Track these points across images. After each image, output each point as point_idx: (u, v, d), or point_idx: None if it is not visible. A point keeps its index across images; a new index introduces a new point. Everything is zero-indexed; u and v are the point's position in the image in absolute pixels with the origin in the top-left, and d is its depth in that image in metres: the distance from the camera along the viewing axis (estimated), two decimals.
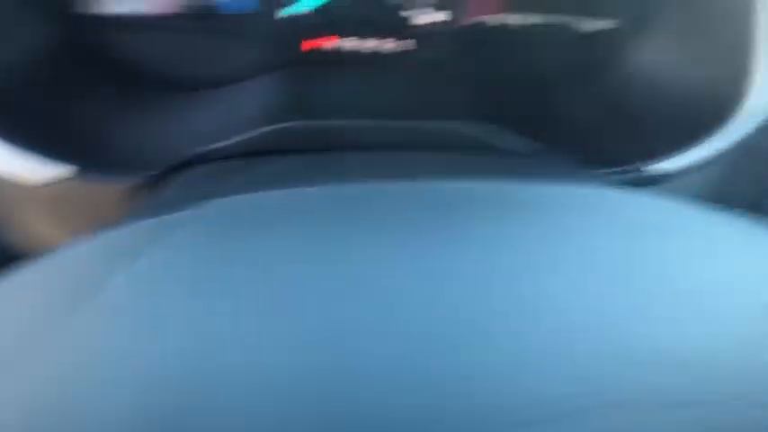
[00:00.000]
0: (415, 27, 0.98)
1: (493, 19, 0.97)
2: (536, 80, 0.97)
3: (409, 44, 0.98)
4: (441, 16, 0.97)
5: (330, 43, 0.98)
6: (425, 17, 0.98)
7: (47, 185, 0.70)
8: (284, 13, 0.97)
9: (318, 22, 0.97)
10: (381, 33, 0.98)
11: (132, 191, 0.68)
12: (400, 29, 0.98)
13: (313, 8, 0.96)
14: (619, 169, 0.74)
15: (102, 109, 0.87)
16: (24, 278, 0.34)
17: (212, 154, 0.69)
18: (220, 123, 0.90)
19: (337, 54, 0.98)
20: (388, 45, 0.98)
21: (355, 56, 0.99)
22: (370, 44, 0.98)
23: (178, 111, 0.93)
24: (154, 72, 0.97)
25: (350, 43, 0.98)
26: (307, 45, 0.98)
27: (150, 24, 0.97)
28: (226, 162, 0.66)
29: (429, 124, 0.72)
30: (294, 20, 0.97)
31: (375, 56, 0.99)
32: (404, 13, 0.97)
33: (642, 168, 0.74)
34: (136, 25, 0.97)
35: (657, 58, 0.87)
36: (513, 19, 0.97)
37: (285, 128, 0.72)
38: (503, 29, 0.98)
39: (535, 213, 0.40)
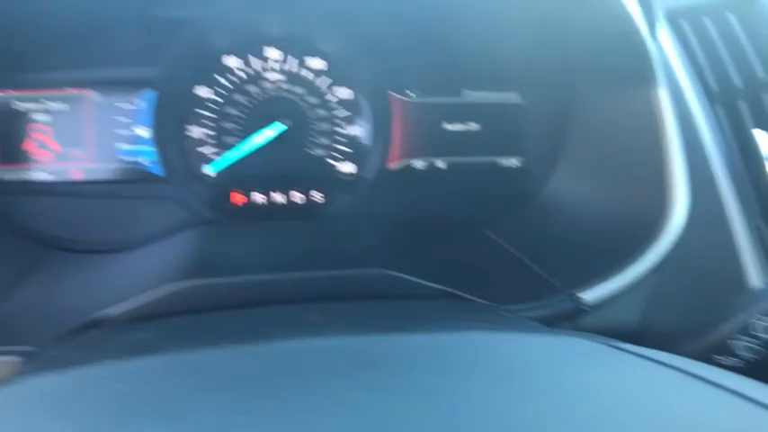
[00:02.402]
0: (342, 175, 0.99)
1: (418, 162, 1.01)
2: (457, 220, 0.99)
3: (334, 192, 0.98)
4: (367, 161, 0.99)
5: (256, 197, 0.97)
6: (352, 164, 1.00)
7: None
8: (211, 169, 0.95)
9: (247, 179, 0.96)
10: (307, 184, 0.98)
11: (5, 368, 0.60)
12: (327, 179, 0.99)
13: (238, 163, 0.96)
14: (540, 303, 0.74)
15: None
16: None
17: (108, 319, 0.63)
18: (131, 285, 0.83)
19: (265, 208, 0.97)
20: (314, 195, 0.98)
21: (281, 208, 0.98)
22: (295, 195, 0.98)
23: (84, 275, 0.85)
24: (68, 236, 0.90)
25: (277, 196, 0.97)
26: (232, 200, 0.96)
27: (69, 190, 0.92)
28: (122, 327, 0.60)
29: (344, 273, 0.72)
30: (221, 177, 0.95)
31: (301, 206, 0.98)
32: (330, 162, 0.99)
33: (563, 300, 0.75)
34: (52, 191, 0.91)
35: (574, 189, 0.93)
36: (437, 161, 1.01)
37: (187, 287, 0.67)
38: (427, 171, 1.01)
39: (475, 362, 0.40)
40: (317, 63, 0.97)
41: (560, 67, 0.95)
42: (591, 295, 0.75)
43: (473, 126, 1.02)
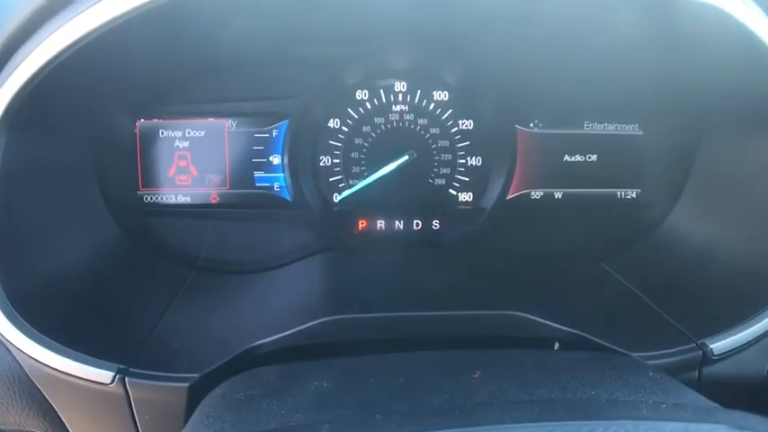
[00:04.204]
0: (461, 204, 1.02)
1: (535, 193, 1.02)
2: (575, 252, 1.00)
3: (453, 221, 1.01)
4: (486, 191, 1.01)
5: (379, 224, 1.01)
6: (471, 194, 1.02)
7: (93, 383, 0.66)
8: (338, 197, 1.00)
9: (370, 206, 1.00)
10: (428, 212, 1.01)
11: (176, 393, 0.65)
12: (447, 207, 1.01)
13: (363, 191, 1.00)
14: (668, 350, 0.74)
15: (153, 304, 0.85)
16: None
17: (259, 351, 0.68)
18: (269, 308, 0.89)
19: (387, 235, 1.00)
20: (434, 223, 1.01)
21: (403, 235, 1.01)
22: (416, 223, 1.02)
23: (224, 295, 0.92)
24: (205, 256, 0.98)
25: (398, 223, 1.01)
26: (356, 226, 1.01)
27: (207, 212, 0.98)
28: (274, 369, 0.65)
29: (480, 315, 0.75)
30: (347, 203, 1.00)
31: (421, 233, 1.01)
32: (451, 192, 1.02)
33: (692, 348, 0.75)
34: (192, 213, 0.98)
35: (697, 227, 0.92)
36: (555, 192, 1.02)
37: (338, 321, 0.72)
38: (544, 202, 1.02)
39: None
40: (440, 95, 0.99)
41: (686, 101, 0.93)
42: (719, 345, 0.75)
43: (592, 157, 1.02)
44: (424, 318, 0.75)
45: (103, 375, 0.65)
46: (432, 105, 0.99)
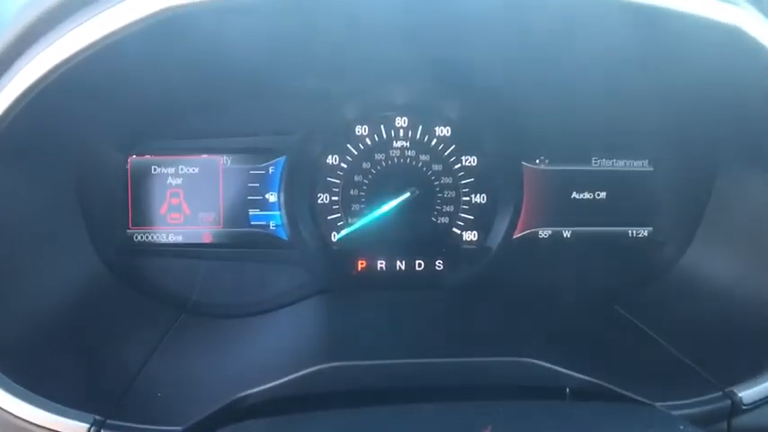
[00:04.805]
0: (465, 243, 0.98)
1: (543, 231, 0.98)
2: (586, 294, 0.94)
3: (457, 261, 0.96)
4: (492, 230, 0.97)
5: (380, 264, 0.96)
6: (475, 233, 0.98)
7: None
8: (339, 238, 0.96)
9: (370, 245, 0.95)
10: (431, 252, 0.96)
11: None
12: (451, 247, 0.97)
13: (362, 230, 0.95)
14: (695, 399, 0.69)
15: (137, 350, 0.79)
16: None
17: (248, 402, 0.63)
18: (262, 355, 0.83)
19: (388, 276, 0.96)
20: (437, 264, 0.96)
21: (404, 276, 0.96)
22: (418, 264, 0.97)
23: (215, 341, 0.86)
24: (197, 299, 0.92)
25: (399, 263, 0.97)
26: (355, 267, 0.96)
27: (200, 252, 0.94)
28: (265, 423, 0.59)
29: (486, 363, 0.69)
30: (346, 243, 0.95)
31: (423, 275, 0.97)
32: (455, 231, 0.98)
33: (720, 397, 0.69)
34: (184, 253, 0.94)
35: (714, 267, 0.88)
36: (563, 231, 0.98)
37: (335, 368, 0.66)
38: (554, 240, 0.98)
39: None
40: (442, 130, 0.96)
41: (698, 135, 0.90)
42: (749, 393, 0.69)
43: (601, 194, 0.98)
44: (428, 365, 0.69)
45: (77, 428, 0.59)
46: (434, 141, 0.96)
